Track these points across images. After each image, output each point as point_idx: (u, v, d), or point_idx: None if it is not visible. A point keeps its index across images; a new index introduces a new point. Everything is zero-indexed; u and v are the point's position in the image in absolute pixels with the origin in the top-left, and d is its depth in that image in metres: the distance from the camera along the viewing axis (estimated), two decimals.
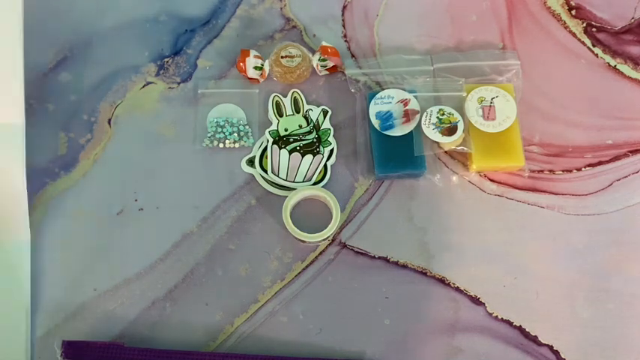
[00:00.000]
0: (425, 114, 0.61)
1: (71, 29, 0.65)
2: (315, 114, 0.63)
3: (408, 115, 0.61)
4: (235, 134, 0.62)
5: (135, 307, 0.57)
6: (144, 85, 0.65)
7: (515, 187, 0.62)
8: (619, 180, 0.62)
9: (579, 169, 0.63)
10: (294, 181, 0.61)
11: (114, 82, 0.64)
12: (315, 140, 0.62)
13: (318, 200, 0.60)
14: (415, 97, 0.62)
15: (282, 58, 0.63)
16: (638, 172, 0.63)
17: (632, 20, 0.69)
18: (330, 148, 0.62)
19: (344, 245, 0.60)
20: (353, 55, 0.66)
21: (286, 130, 0.62)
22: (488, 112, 0.62)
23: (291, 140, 0.62)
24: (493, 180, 0.62)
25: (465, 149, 0.61)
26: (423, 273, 0.59)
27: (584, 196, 0.62)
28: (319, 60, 0.63)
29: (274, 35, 0.67)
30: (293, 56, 0.63)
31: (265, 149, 0.62)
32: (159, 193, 0.61)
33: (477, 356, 0.56)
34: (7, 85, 0.55)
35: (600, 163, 0.63)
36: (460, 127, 0.60)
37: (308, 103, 0.64)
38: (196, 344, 0.56)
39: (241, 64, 0.63)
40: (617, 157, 0.63)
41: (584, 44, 0.67)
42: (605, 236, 0.60)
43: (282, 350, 0.56)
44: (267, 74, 0.64)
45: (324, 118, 0.63)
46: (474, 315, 0.57)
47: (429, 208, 0.61)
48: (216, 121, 0.62)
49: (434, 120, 0.61)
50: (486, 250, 0.59)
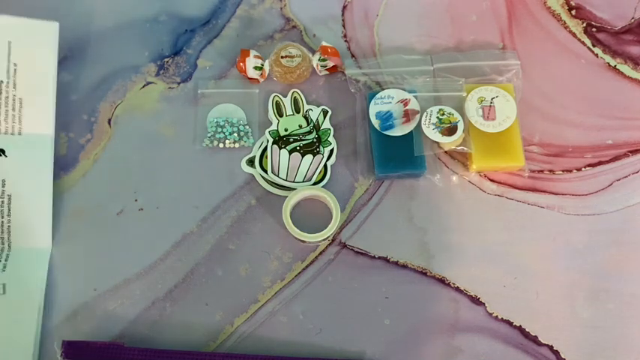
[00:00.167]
0: (425, 114, 0.61)
1: (71, 29, 0.64)
2: (315, 114, 0.63)
3: (408, 115, 0.61)
4: (235, 134, 0.62)
5: (135, 307, 0.57)
6: (144, 85, 0.65)
7: (515, 187, 0.62)
8: (619, 180, 0.62)
9: (579, 169, 0.63)
10: (294, 181, 0.61)
11: (114, 82, 0.64)
12: (315, 140, 0.62)
13: (318, 200, 0.60)
14: (415, 97, 0.62)
15: (282, 58, 0.63)
16: (638, 172, 0.63)
17: (632, 20, 0.69)
18: (330, 148, 0.62)
19: (344, 245, 0.60)
20: (353, 55, 0.66)
21: (286, 130, 0.62)
22: (488, 112, 0.62)
23: (291, 140, 0.62)
24: (493, 180, 0.62)
25: (465, 149, 0.61)
26: (423, 273, 0.59)
27: (584, 196, 0.62)
28: (319, 60, 0.63)
29: (274, 35, 0.67)
30: (293, 56, 0.63)
31: (265, 149, 0.62)
32: (159, 193, 0.61)
33: (477, 356, 0.56)
34: (42, 98, 0.58)
35: (600, 163, 0.63)
36: (460, 127, 0.60)
37: (308, 103, 0.64)
38: (196, 344, 0.56)
39: (241, 64, 0.63)
40: (617, 157, 0.63)
41: (584, 44, 0.67)
42: (605, 236, 0.60)
43: (282, 350, 0.56)
44: (267, 74, 0.64)
45: (324, 118, 0.63)
46: (474, 315, 0.57)
47: (429, 208, 0.61)
48: (216, 121, 0.62)
49: (434, 120, 0.61)
50: (486, 250, 0.59)
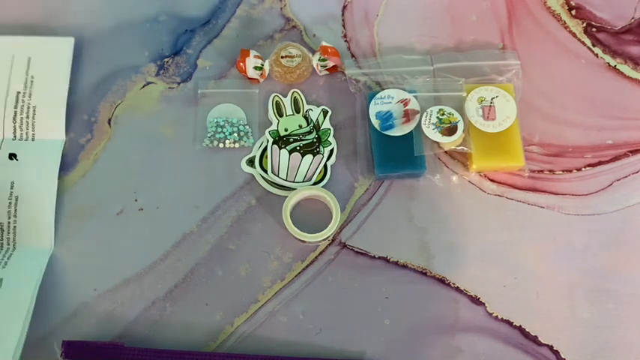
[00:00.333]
0: (425, 114, 0.61)
1: (71, 29, 0.64)
2: (315, 114, 0.63)
3: (408, 115, 0.61)
4: (235, 134, 0.62)
5: (135, 307, 0.57)
6: (144, 85, 0.65)
7: (515, 187, 0.62)
8: (619, 180, 0.62)
9: (579, 169, 0.63)
10: (294, 181, 0.61)
11: (114, 82, 0.64)
12: (315, 140, 0.62)
13: (318, 200, 0.60)
14: (415, 97, 0.62)
15: (282, 58, 0.63)
16: (638, 172, 0.63)
17: (632, 20, 0.69)
18: (330, 148, 0.62)
19: (344, 245, 0.60)
20: (353, 55, 0.66)
21: (286, 130, 0.62)
22: (488, 112, 0.62)
23: (291, 140, 0.62)
24: (493, 180, 0.62)
25: (465, 149, 0.61)
26: (423, 273, 0.59)
27: (584, 196, 0.62)
28: (319, 60, 0.63)
29: (274, 35, 0.67)
30: (293, 56, 0.63)
31: (265, 149, 0.62)
32: (159, 193, 0.61)
33: (477, 356, 0.56)
34: (55, 106, 0.62)
35: (600, 163, 0.63)
36: (460, 127, 0.60)
37: (308, 103, 0.64)
38: (196, 344, 0.56)
39: (241, 64, 0.63)
40: (617, 157, 0.63)
41: (584, 44, 0.67)
42: (605, 236, 0.60)
43: (282, 350, 0.56)
44: (267, 74, 0.64)
45: (324, 118, 0.63)
46: (474, 315, 0.57)
47: (429, 208, 0.61)
48: (216, 121, 0.62)
49: (434, 120, 0.61)
50: (486, 250, 0.59)
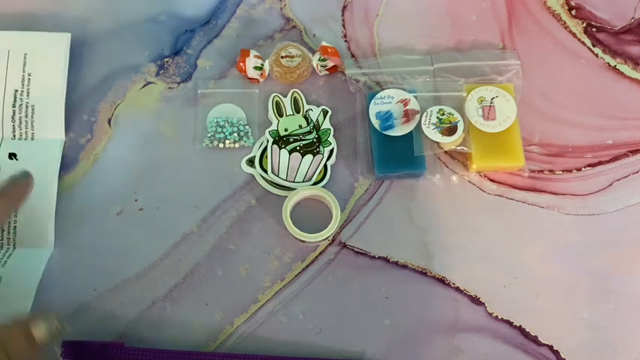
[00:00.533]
0: (425, 114, 0.61)
1: (71, 29, 0.64)
2: (315, 114, 0.63)
3: (408, 115, 0.61)
4: (235, 134, 0.62)
5: (135, 307, 0.57)
6: (144, 85, 0.65)
7: (515, 187, 0.62)
8: (619, 180, 0.62)
9: (579, 169, 0.63)
10: (294, 181, 0.61)
11: (114, 82, 0.64)
12: (315, 140, 0.62)
13: (318, 200, 0.60)
14: (415, 97, 0.62)
15: (282, 58, 0.63)
16: (638, 172, 0.63)
17: (632, 20, 0.69)
18: (330, 148, 0.62)
19: (344, 245, 0.60)
20: (353, 55, 0.66)
21: (286, 130, 0.62)
22: (488, 112, 0.62)
23: (291, 140, 0.62)
24: (493, 180, 0.62)
25: (465, 149, 0.61)
26: (423, 273, 0.59)
27: (584, 196, 0.62)
28: (319, 60, 0.63)
29: (274, 35, 0.67)
30: (293, 56, 0.63)
31: (265, 149, 0.62)
32: (159, 193, 0.61)
33: (477, 356, 0.56)
34: (53, 105, 0.61)
35: (600, 163, 0.63)
36: (460, 127, 0.60)
37: (308, 103, 0.64)
38: (196, 344, 0.56)
39: (241, 64, 0.63)
40: (617, 157, 0.63)
41: (584, 44, 0.67)
42: (605, 236, 0.60)
43: (282, 350, 0.56)
44: (267, 74, 0.64)
45: (324, 118, 0.63)
46: (473, 315, 0.57)
47: (429, 208, 0.61)
48: (216, 121, 0.62)
49: (434, 120, 0.61)
50: (486, 250, 0.59)
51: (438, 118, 0.61)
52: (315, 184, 0.61)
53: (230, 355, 0.55)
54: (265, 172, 0.61)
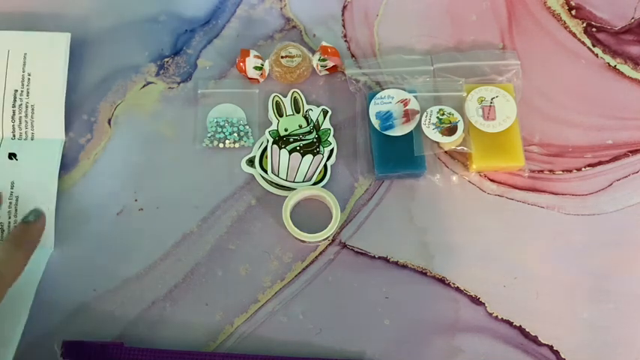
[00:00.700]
0: (425, 114, 0.61)
1: (71, 29, 0.64)
2: (315, 114, 0.63)
3: (408, 115, 0.61)
4: (235, 134, 0.62)
5: (135, 307, 0.57)
6: (144, 85, 0.65)
7: (515, 187, 0.62)
8: (619, 180, 0.62)
9: (579, 169, 0.63)
10: (294, 181, 0.61)
11: (114, 82, 0.64)
12: (315, 140, 0.62)
13: (318, 200, 0.60)
14: (415, 97, 0.62)
15: (282, 58, 0.63)
16: (638, 172, 0.63)
17: (632, 20, 0.69)
18: (330, 148, 0.62)
19: (344, 245, 0.60)
20: (353, 55, 0.66)
21: (286, 130, 0.62)
22: (488, 112, 0.62)
23: (291, 140, 0.62)
24: (493, 180, 0.62)
25: (465, 149, 0.61)
26: (423, 273, 0.59)
27: (584, 196, 0.62)
28: (319, 60, 0.63)
29: (274, 35, 0.67)
30: (293, 56, 0.63)
31: (265, 149, 0.62)
32: (159, 193, 0.61)
33: (477, 356, 0.56)
34: (53, 105, 0.61)
35: (600, 163, 0.63)
36: (460, 127, 0.60)
37: (308, 103, 0.64)
38: (196, 344, 0.56)
39: (241, 64, 0.63)
40: (617, 157, 0.63)
41: (584, 44, 0.67)
42: (605, 236, 0.60)
43: (282, 350, 0.56)
44: (267, 74, 0.64)
45: (324, 118, 0.63)
46: (473, 315, 0.57)
47: (429, 208, 0.61)
48: (216, 121, 0.62)
49: (434, 120, 0.61)
50: (486, 250, 0.59)
51: (438, 118, 0.61)
52: (315, 184, 0.61)
53: (230, 355, 0.55)
54: (265, 172, 0.61)
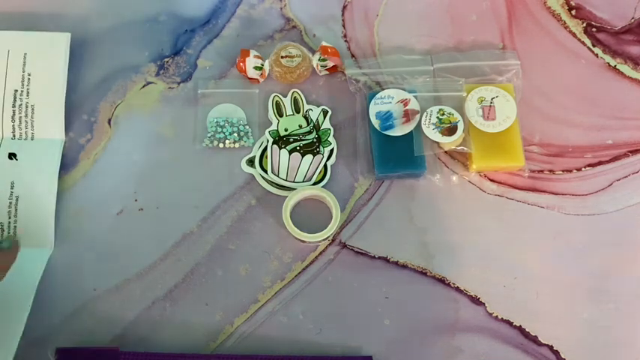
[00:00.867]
0: (425, 114, 0.61)
1: (71, 29, 0.64)
2: (315, 114, 0.63)
3: (408, 115, 0.61)
4: (235, 134, 0.62)
5: (135, 307, 0.57)
6: (144, 85, 0.65)
7: (515, 187, 0.62)
8: (619, 180, 0.62)
9: (579, 169, 0.63)
10: (294, 181, 0.61)
11: (114, 82, 0.64)
12: (315, 140, 0.62)
13: (318, 200, 0.60)
14: (415, 97, 0.62)
15: (282, 58, 0.63)
16: (638, 172, 0.63)
17: (632, 20, 0.69)
18: (330, 148, 0.62)
19: (344, 245, 0.60)
20: (353, 55, 0.66)
21: (286, 130, 0.62)
22: (488, 112, 0.62)
23: (291, 140, 0.62)
24: (493, 180, 0.62)
25: (465, 149, 0.61)
26: (423, 273, 0.59)
27: (584, 196, 0.62)
28: (319, 60, 0.63)
29: (274, 35, 0.67)
30: (293, 56, 0.63)
31: (265, 149, 0.62)
32: (159, 193, 0.61)
33: (477, 356, 0.56)
34: (53, 105, 0.61)
35: (600, 163, 0.63)
36: (460, 127, 0.60)
37: (308, 103, 0.64)
38: (196, 344, 0.56)
39: (241, 64, 0.63)
40: (617, 157, 0.63)
41: (584, 44, 0.67)
42: (605, 236, 0.60)
43: (282, 350, 0.56)
44: (267, 74, 0.64)
45: (324, 118, 0.63)
46: (474, 315, 0.57)
47: (429, 208, 0.61)
48: (216, 121, 0.62)
49: (434, 120, 0.61)
50: (486, 250, 0.59)
51: (438, 118, 0.61)
52: (315, 184, 0.61)
53: (229, 356, 0.54)
54: (265, 172, 0.61)
